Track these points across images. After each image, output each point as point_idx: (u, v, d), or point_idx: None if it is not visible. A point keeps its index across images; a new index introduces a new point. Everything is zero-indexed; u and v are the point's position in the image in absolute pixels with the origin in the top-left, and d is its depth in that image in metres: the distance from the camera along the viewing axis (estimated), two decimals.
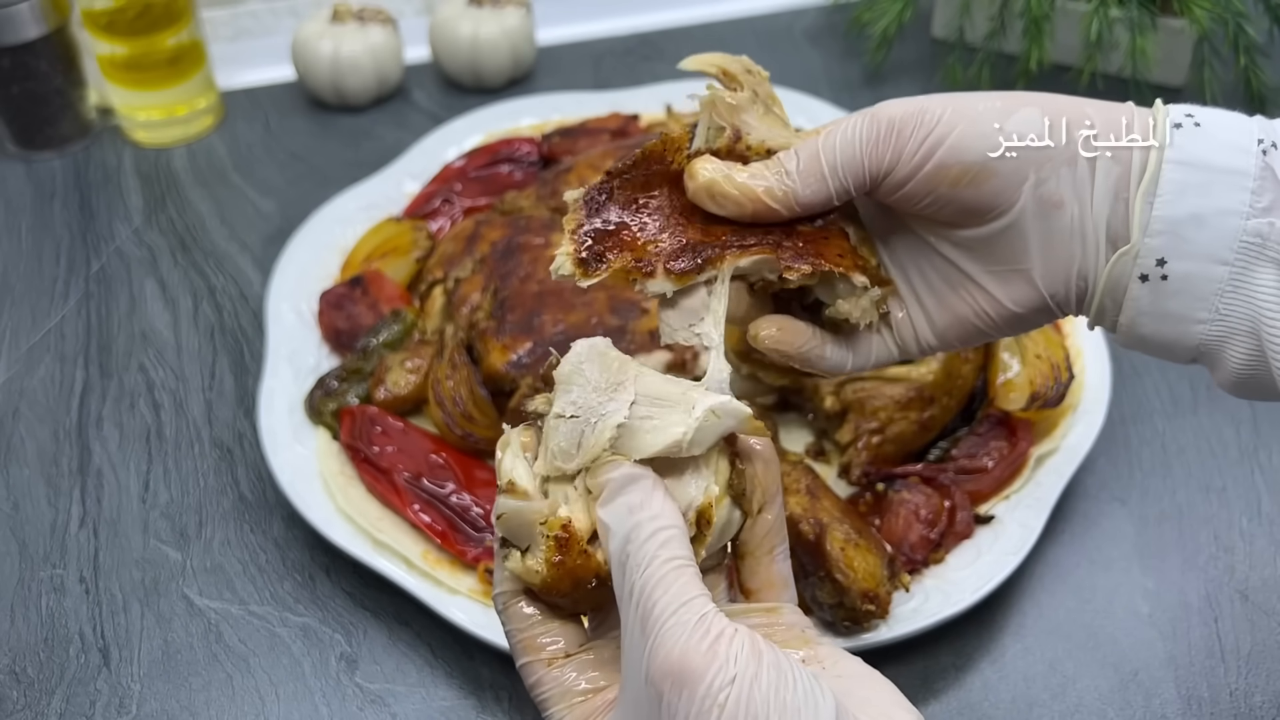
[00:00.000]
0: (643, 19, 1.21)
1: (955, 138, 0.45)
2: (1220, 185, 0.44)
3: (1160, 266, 0.45)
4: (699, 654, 0.38)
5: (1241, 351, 0.45)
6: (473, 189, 0.95)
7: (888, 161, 0.46)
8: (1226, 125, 0.45)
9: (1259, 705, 0.65)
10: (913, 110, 0.46)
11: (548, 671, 0.45)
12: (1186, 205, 0.44)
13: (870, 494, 0.73)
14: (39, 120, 1.03)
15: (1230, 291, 0.45)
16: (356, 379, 0.79)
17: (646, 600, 0.40)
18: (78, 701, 0.67)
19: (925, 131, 0.45)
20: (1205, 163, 0.44)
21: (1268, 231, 0.44)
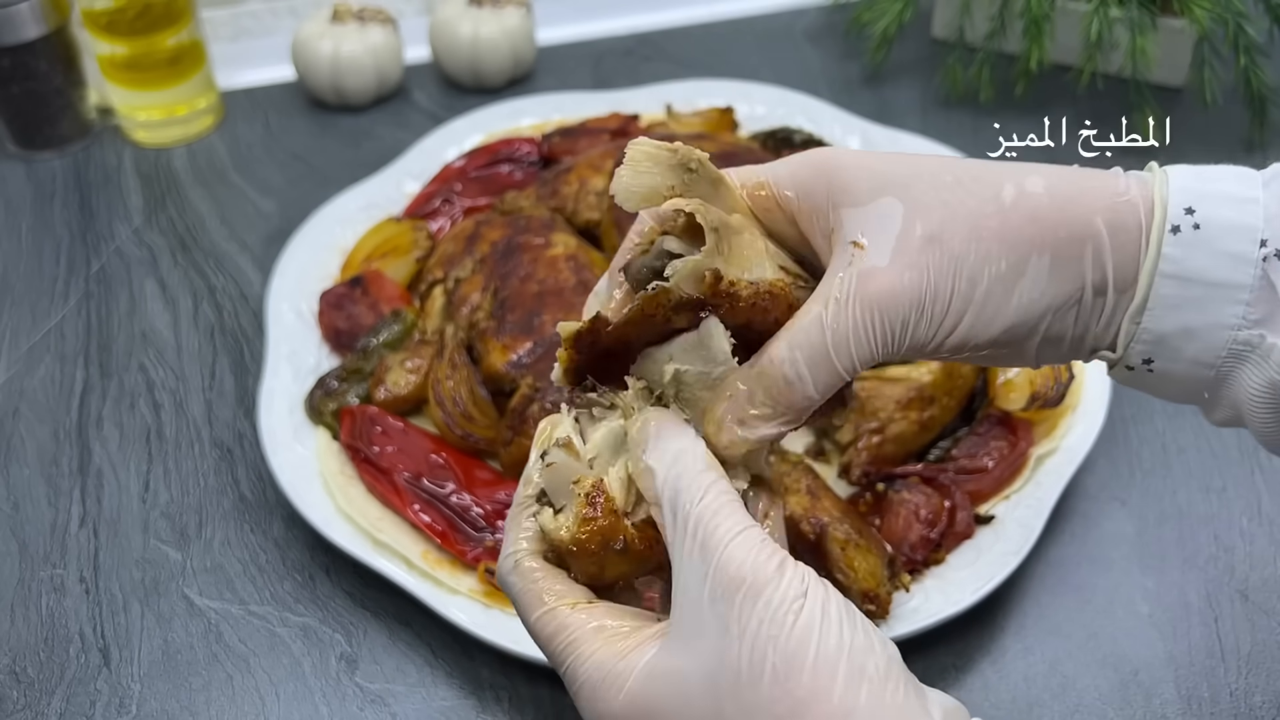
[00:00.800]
0: (643, 19, 1.21)
1: (965, 327, 0.43)
2: (1214, 300, 0.43)
3: (1147, 365, 0.45)
4: (770, 567, 0.39)
5: (1226, 415, 0.47)
6: (473, 189, 0.95)
7: (904, 352, 0.44)
8: (1230, 225, 0.43)
9: (1259, 705, 0.65)
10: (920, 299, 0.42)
11: (571, 613, 0.43)
12: (1178, 320, 0.44)
13: (870, 494, 0.73)
14: (39, 120, 1.03)
15: (1215, 385, 0.45)
16: (356, 379, 0.79)
17: (706, 526, 0.40)
18: (78, 701, 0.67)
19: (936, 325, 0.43)
20: (1200, 276, 0.43)
21: (1257, 342, 0.43)
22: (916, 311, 0.42)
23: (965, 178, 0.44)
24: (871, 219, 0.43)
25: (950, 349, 0.44)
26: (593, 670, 0.42)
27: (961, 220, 0.43)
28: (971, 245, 0.43)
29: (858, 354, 0.42)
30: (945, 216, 0.43)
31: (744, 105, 1.01)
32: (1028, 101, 1.03)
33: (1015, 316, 0.44)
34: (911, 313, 0.42)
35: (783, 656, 0.38)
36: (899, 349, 0.43)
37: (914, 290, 0.42)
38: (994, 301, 0.43)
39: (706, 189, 0.46)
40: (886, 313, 0.42)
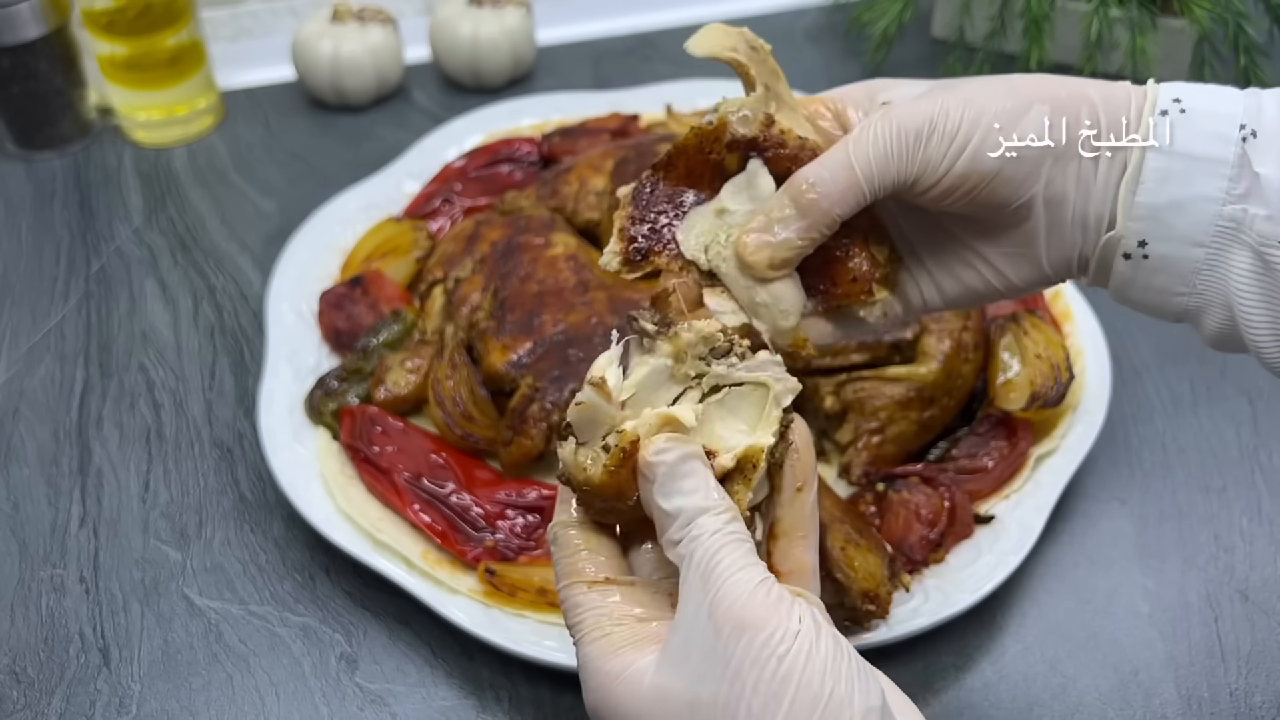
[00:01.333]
0: (643, 19, 1.21)
1: (973, 148, 0.48)
2: (1199, 174, 0.47)
3: (1142, 248, 0.49)
4: (763, 607, 0.40)
5: (1218, 319, 0.49)
6: (473, 189, 0.95)
7: (915, 169, 0.48)
8: (1212, 112, 0.47)
9: (1259, 705, 0.65)
10: (933, 116, 0.48)
11: (587, 593, 0.45)
12: (1167, 193, 0.47)
13: (870, 494, 0.73)
14: (39, 120, 1.03)
15: (1206, 270, 0.48)
16: (356, 379, 0.79)
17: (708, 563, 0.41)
18: (78, 701, 0.67)
19: (947, 143, 0.48)
20: (1186, 151, 0.47)
21: (1242, 217, 0.47)
22: (929, 125, 0.48)
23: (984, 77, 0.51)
24: (902, 90, 0.51)
25: (959, 174, 0.48)
26: (590, 656, 0.44)
27: (975, 83, 0.49)
28: (981, 90, 0.49)
29: (875, 160, 0.47)
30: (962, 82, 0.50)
31: None
32: None
33: (1018, 149, 0.48)
34: (925, 126, 0.48)
35: (761, 699, 0.38)
36: (913, 164, 0.48)
37: (928, 108, 0.48)
38: (999, 129, 0.48)
39: (765, 74, 0.52)
40: (904, 126, 0.48)
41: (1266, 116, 0.47)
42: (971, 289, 0.54)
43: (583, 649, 0.45)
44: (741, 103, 0.50)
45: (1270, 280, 0.47)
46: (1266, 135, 0.47)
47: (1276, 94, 0.48)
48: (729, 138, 0.50)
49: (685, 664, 0.41)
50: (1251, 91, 0.48)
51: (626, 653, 0.43)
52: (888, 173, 0.48)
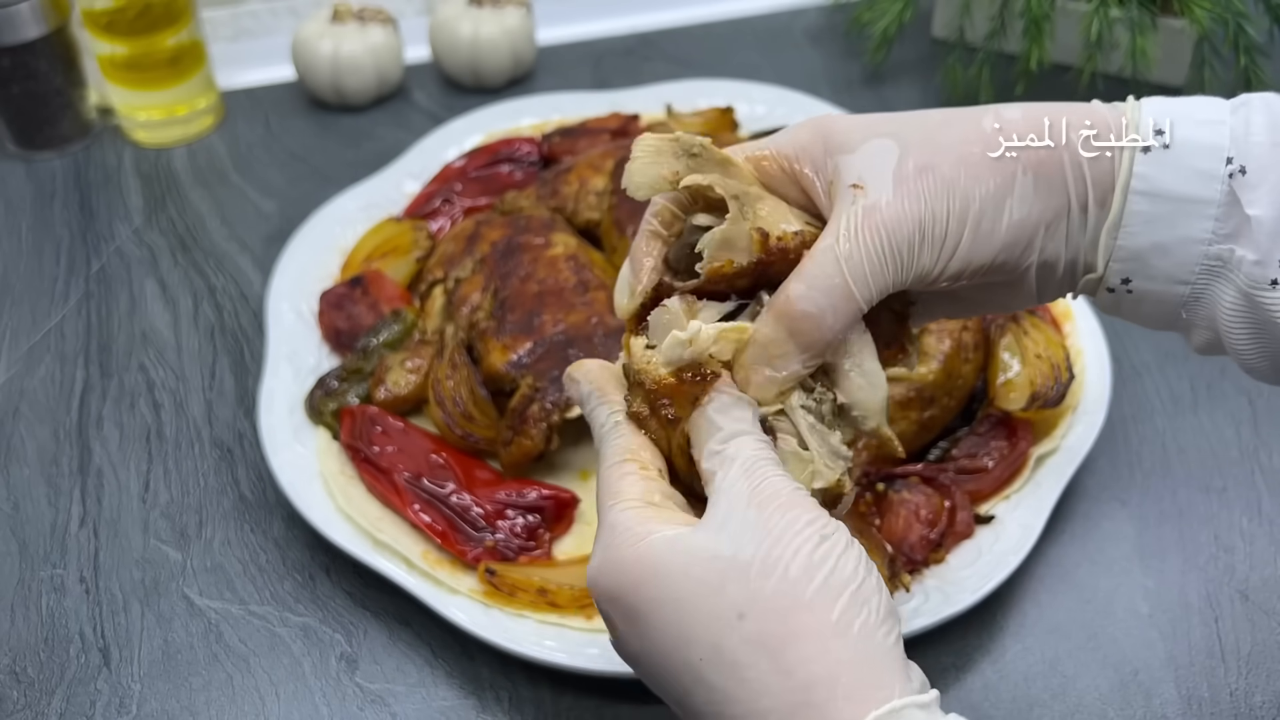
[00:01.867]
0: (643, 19, 1.21)
1: (965, 248, 0.46)
2: (1185, 216, 0.45)
3: (1125, 284, 0.48)
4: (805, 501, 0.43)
5: (1206, 336, 0.49)
6: (473, 189, 0.95)
7: (910, 280, 0.47)
8: (1197, 144, 0.45)
9: (1259, 705, 0.65)
10: (922, 222, 0.45)
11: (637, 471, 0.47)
12: (1151, 236, 0.46)
13: (870, 494, 0.73)
14: (39, 120, 1.03)
15: (1193, 303, 0.48)
16: (356, 379, 0.79)
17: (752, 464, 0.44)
18: (78, 701, 0.67)
19: (938, 248, 0.46)
20: (1170, 193, 0.45)
21: (1228, 257, 0.45)
22: (919, 234, 0.45)
23: (950, 116, 0.48)
24: (867, 160, 0.46)
25: (953, 274, 0.46)
26: (621, 518, 0.45)
27: (949, 150, 0.46)
28: (960, 170, 0.46)
29: (873, 280, 0.45)
30: (933, 149, 0.46)
31: (744, 105, 1.01)
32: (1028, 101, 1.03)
33: (1009, 234, 0.46)
34: (915, 235, 0.45)
35: (800, 565, 0.40)
36: (907, 275, 0.46)
37: (915, 214, 0.45)
38: (988, 219, 0.46)
39: (714, 170, 0.49)
40: (893, 237, 0.45)
41: (1255, 142, 0.45)
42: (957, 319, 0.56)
43: (613, 514, 0.45)
44: (724, 234, 0.47)
45: (1259, 317, 0.46)
46: (1257, 169, 0.44)
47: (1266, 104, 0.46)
48: (735, 271, 0.47)
49: (723, 530, 0.42)
50: (1240, 104, 0.47)
51: (656, 524, 0.44)
52: (883, 286, 0.46)
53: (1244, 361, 0.48)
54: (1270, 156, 0.45)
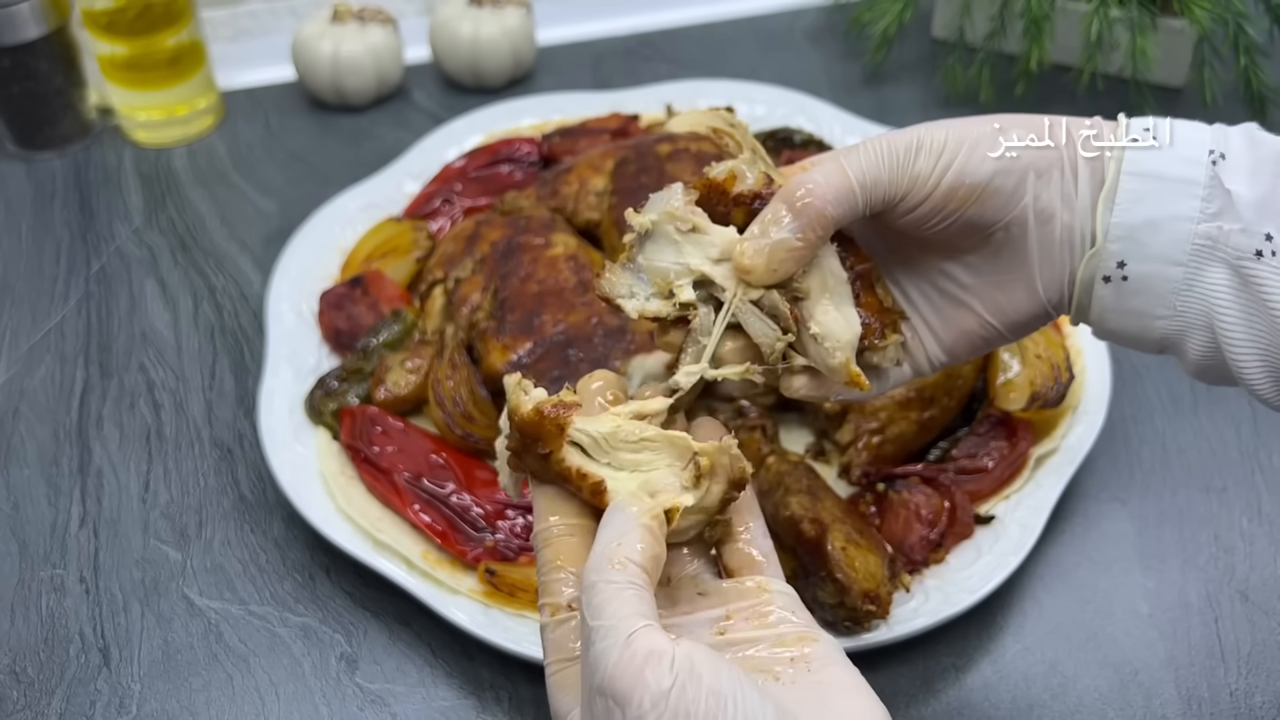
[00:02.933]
0: (643, 19, 1.21)
1: (961, 160, 0.49)
2: (1173, 193, 0.48)
3: (1120, 269, 0.49)
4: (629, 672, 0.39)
5: (1200, 343, 0.50)
6: (473, 189, 0.95)
7: (905, 183, 0.49)
8: (1182, 139, 0.49)
9: (1259, 705, 0.65)
10: (919, 135, 0.49)
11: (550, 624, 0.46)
12: (1142, 212, 0.49)
13: (870, 494, 0.73)
14: (39, 120, 1.03)
15: (1185, 290, 0.49)
16: (356, 379, 0.79)
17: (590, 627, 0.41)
18: (78, 701, 0.67)
19: (935, 155, 0.49)
20: (1159, 173, 0.49)
21: (1217, 235, 0.48)
22: (915, 141, 0.49)
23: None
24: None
25: (949, 186, 0.49)
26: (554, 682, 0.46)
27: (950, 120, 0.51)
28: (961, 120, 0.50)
29: (867, 168, 0.48)
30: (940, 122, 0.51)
31: (744, 105, 1.01)
32: (1028, 101, 1.03)
33: (1000, 163, 0.49)
34: (912, 141, 0.49)
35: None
36: (903, 176, 0.49)
37: (913, 130, 0.49)
38: (982, 144, 0.49)
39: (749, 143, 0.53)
40: (891, 140, 0.49)
41: (1234, 144, 0.49)
42: (968, 332, 0.54)
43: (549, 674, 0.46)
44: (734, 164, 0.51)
45: (1249, 296, 0.48)
46: (1235, 158, 0.48)
47: (1242, 128, 0.50)
48: (736, 191, 0.51)
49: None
50: (1218, 127, 0.50)
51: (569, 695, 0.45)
52: (879, 182, 0.49)
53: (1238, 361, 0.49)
54: (1247, 151, 0.49)
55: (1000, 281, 0.52)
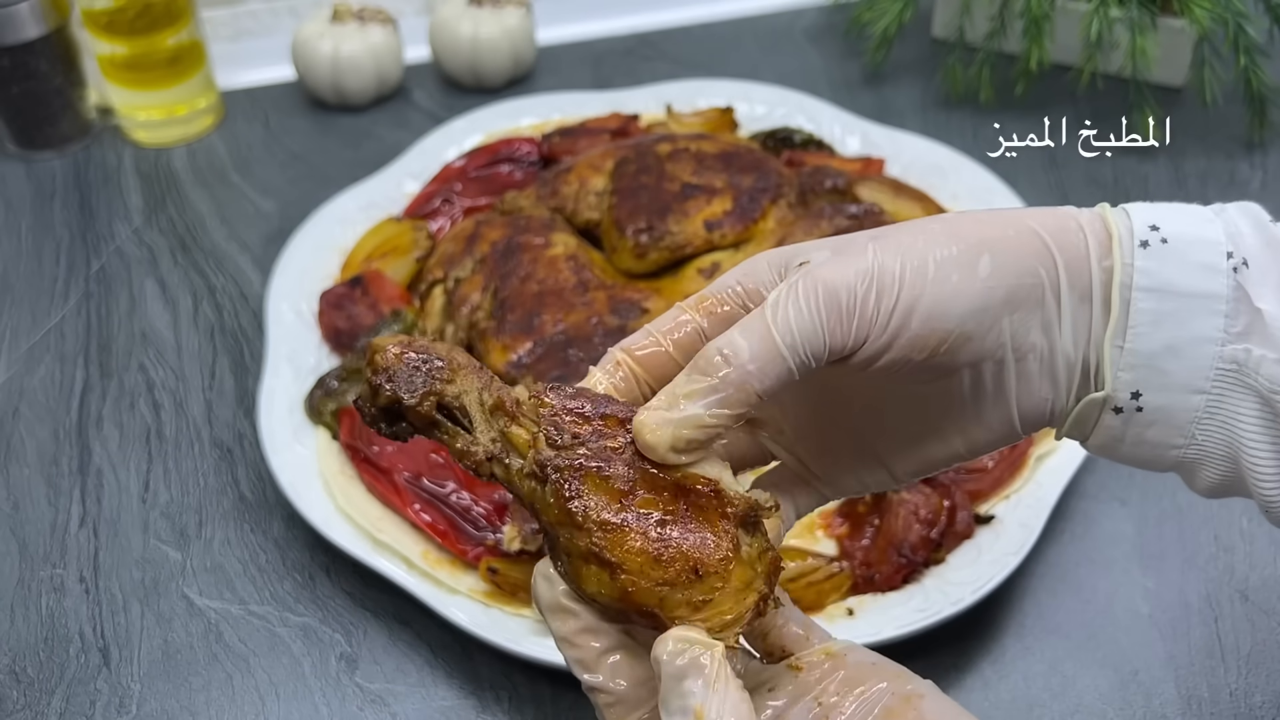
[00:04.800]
0: (643, 19, 1.21)
1: (926, 304, 0.40)
2: (1194, 312, 0.41)
3: (1135, 399, 0.43)
4: None
5: (1218, 471, 0.44)
6: (473, 189, 0.95)
7: (853, 338, 0.40)
8: (1193, 238, 0.42)
9: (1259, 705, 0.65)
10: (866, 275, 0.40)
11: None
12: (1161, 337, 0.42)
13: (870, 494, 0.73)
14: (39, 120, 1.03)
15: (1207, 419, 0.43)
16: (357, 379, 0.79)
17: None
18: (78, 701, 0.67)
19: (890, 302, 0.40)
20: (1177, 289, 0.42)
21: (1244, 358, 0.42)
22: (864, 284, 0.40)
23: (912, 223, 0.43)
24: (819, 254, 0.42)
25: (911, 338, 0.40)
26: None
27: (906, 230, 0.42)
28: (919, 238, 0.41)
29: (798, 327, 0.39)
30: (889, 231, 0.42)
31: (744, 105, 1.01)
32: (1028, 101, 1.03)
33: (973, 300, 0.41)
34: (859, 285, 0.39)
35: None
36: (848, 326, 0.40)
37: (860, 267, 0.40)
38: (950, 283, 0.40)
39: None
40: (829, 282, 0.39)
41: (1248, 242, 0.42)
42: (932, 459, 0.47)
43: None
44: None
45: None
46: (1258, 265, 0.42)
47: (1243, 211, 0.43)
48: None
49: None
50: (1217, 209, 0.44)
51: None
52: (815, 341, 0.39)
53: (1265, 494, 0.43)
54: (1266, 255, 0.42)
55: (969, 421, 0.45)
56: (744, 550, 0.40)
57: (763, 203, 0.85)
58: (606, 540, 0.39)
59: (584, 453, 0.40)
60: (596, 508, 0.40)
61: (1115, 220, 0.43)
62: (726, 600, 0.39)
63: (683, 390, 0.40)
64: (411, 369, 0.41)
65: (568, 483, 0.40)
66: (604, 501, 0.40)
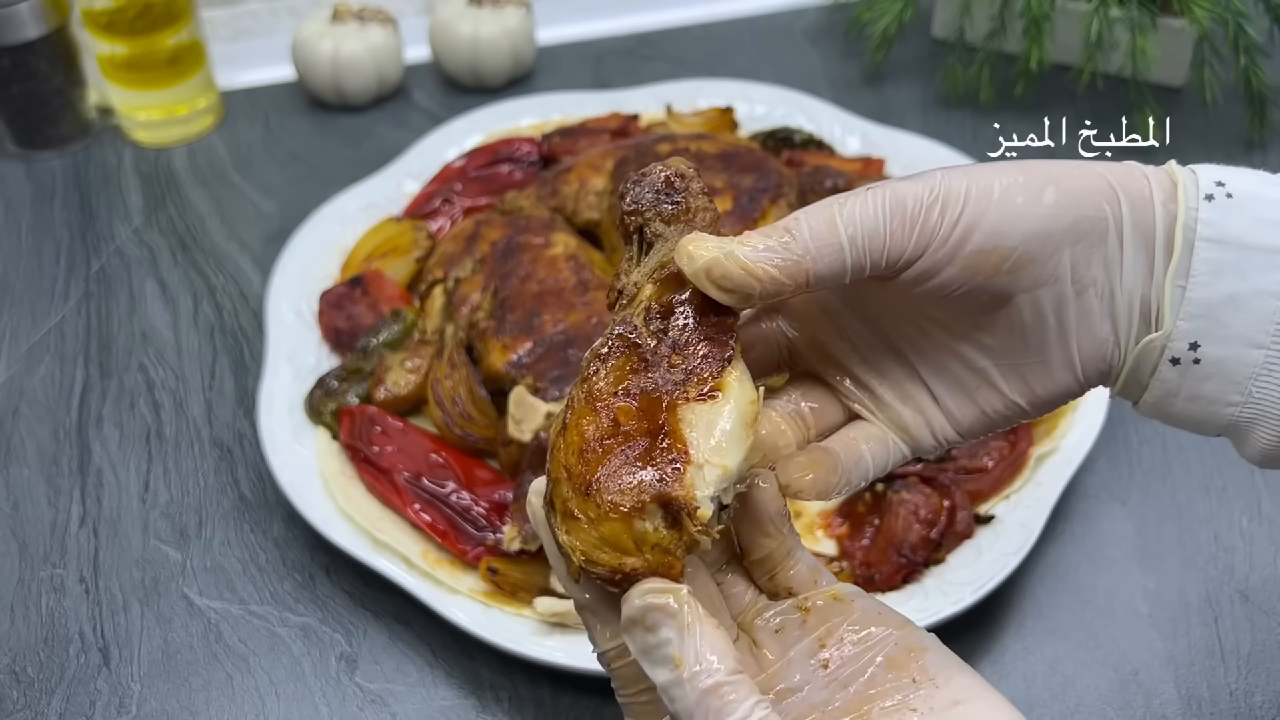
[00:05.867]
0: (643, 19, 1.21)
1: (991, 221, 0.40)
2: (1256, 265, 0.41)
3: (1193, 350, 0.42)
4: None
5: (1272, 431, 0.43)
6: (473, 189, 0.95)
7: (914, 245, 0.40)
8: (1258, 195, 0.42)
9: (1259, 705, 0.65)
10: (933, 189, 0.41)
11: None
12: (1222, 287, 0.41)
13: (869, 494, 0.73)
14: (39, 120, 1.03)
15: (1265, 375, 0.42)
16: (356, 379, 0.79)
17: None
18: (78, 701, 0.67)
19: (955, 214, 0.40)
20: (1240, 241, 0.41)
21: None
22: (930, 195, 0.40)
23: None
24: None
25: (971, 253, 0.40)
26: None
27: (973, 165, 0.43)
28: (986, 168, 0.42)
29: (862, 220, 0.40)
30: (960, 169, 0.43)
31: (744, 105, 1.01)
32: (1028, 101, 1.03)
33: (1037, 224, 0.41)
34: (925, 195, 0.40)
35: None
36: (911, 234, 0.40)
37: (927, 180, 0.41)
38: (1015, 204, 0.41)
39: None
40: (897, 192, 0.40)
41: None
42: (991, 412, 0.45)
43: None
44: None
45: None
46: None
47: None
48: None
49: None
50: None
51: None
52: (877, 240, 0.40)
53: None
54: None
55: (1029, 361, 0.44)
56: (639, 522, 0.38)
57: (763, 203, 0.85)
58: (581, 409, 0.40)
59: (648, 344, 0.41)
60: (599, 379, 0.41)
61: (1181, 174, 0.43)
62: (586, 535, 0.39)
63: (750, 242, 0.40)
64: (656, 190, 0.42)
65: (614, 351, 0.41)
66: (611, 382, 0.40)
